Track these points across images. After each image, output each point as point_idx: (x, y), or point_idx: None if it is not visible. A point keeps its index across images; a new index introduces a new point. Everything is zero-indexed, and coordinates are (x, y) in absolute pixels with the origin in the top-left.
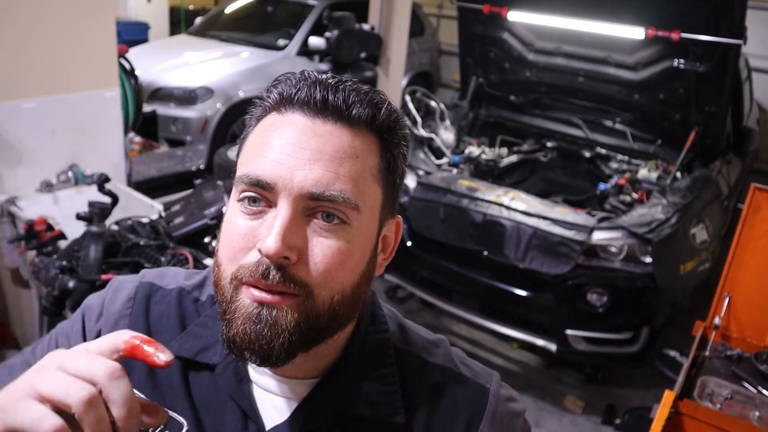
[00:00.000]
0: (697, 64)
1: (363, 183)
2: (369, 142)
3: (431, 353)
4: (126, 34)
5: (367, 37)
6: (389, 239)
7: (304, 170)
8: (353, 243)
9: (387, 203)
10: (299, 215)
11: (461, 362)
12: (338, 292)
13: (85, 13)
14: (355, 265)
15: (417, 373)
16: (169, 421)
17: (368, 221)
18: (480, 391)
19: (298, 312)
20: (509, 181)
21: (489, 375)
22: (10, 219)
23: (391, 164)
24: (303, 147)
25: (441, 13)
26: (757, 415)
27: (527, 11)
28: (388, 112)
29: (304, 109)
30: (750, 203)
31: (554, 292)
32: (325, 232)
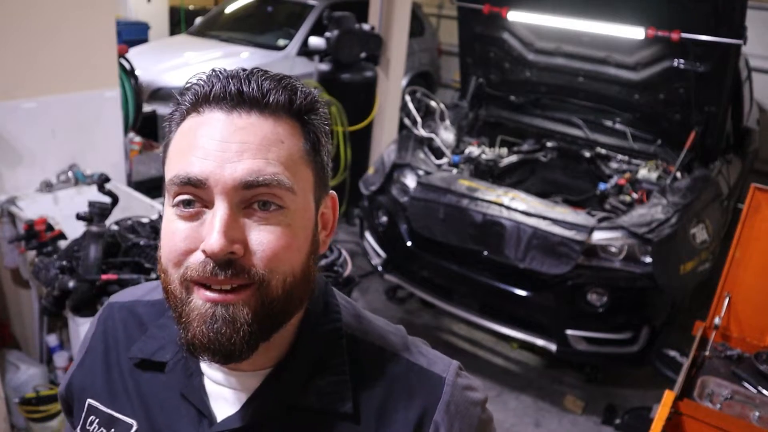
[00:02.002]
0: (697, 64)
1: (293, 165)
2: (291, 127)
3: (387, 342)
4: (126, 34)
5: (367, 37)
6: (327, 216)
7: (234, 162)
8: (294, 225)
9: (318, 182)
10: (237, 209)
11: (418, 351)
12: (289, 274)
13: (85, 13)
14: (300, 245)
15: (371, 362)
16: (118, 424)
17: (304, 202)
18: (435, 380)
19: (253, 303)
20: (509, 181)
21: (447, 364)
22: (10, 219)
23: (316, 144)
24: (228, 141)
25: (441, 13)
26: (757, 415)
27: (527, 11)
28: (304, 95)
29: (221, 104)
30: (750, 203)
31: (554, 292)
32: (264, 220)
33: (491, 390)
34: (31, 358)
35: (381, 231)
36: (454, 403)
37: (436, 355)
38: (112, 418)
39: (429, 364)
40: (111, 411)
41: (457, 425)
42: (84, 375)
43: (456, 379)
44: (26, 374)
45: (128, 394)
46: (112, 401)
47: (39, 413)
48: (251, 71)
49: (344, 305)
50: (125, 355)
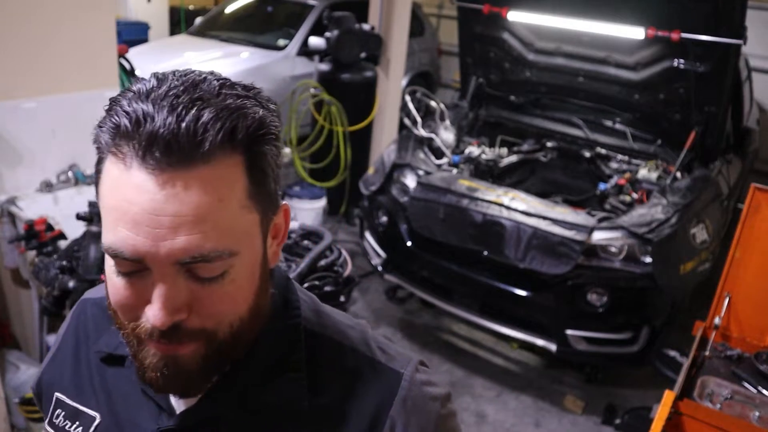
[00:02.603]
0: (697, 64)
1: (234, 223)
2: (231, 170)
3: (346, 337)
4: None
5: (367, 37)
6: (279, 226)
7: (168, 241)
8: (239, 280)
9: (266, 214)
10: (178, 276)
11: (378, 347)
12: (236, 320)
13: (85, 13)
14: (246, 295)
15: (329, 357)
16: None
17: (250, 250)
18: (393, 375)
19: (202, 351)
20: (509, 181)
21: (406, 360)
22: (10, 219)
23: (263, 175)
24: (160, 215)
25: (441, 13)
26: (757, 415)
27: (527, 11)
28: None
29: (148, 161)
30: (750, 203)
31: (554, 292)
32: (208, 282)
33: (491, 390)
34: (31, 358)
35: (381, 231)
36: (411, 399)
37: (396, 351)
38: (77, 411)
39: (388, 359)
40: (76, 404)
41: (415, 420)
42: (54, 369)
43: (414, 375)
44: (26, 374)
45: (94, 387)
46: (79, 395)
47: (39, 413)
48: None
49: (304, 300)
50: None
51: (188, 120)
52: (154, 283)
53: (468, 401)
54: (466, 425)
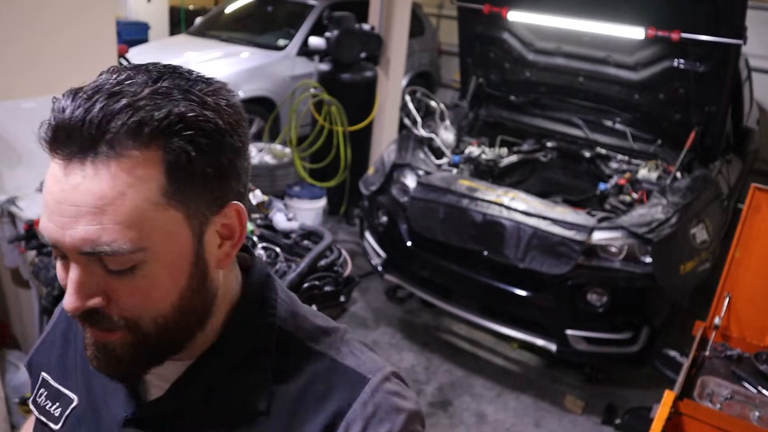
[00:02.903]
0: (697, 64)
1: (140, 219)
2: (142, 165)
3: (318, 341)
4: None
5: (367, 37)
6: (232, 227)
7: (69, 230)
8: (154, 275)
9: (198, 209)
10: (90, 264)
11: (350, 352)
12: (160, 316)
13: (85, 13)
14: (165, 292)
15: (297, 359)
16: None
17: (169, 247)
18: (358, 379)
19: (129, 340)
20: (509, 181)
21: (378, 367)
22: (10, 219)
23: (186, 172)
24: (63, 204)
25: (441, 13)
26: (757, 415)
27: (527, 11)
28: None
29: (57, 152)
30: (750, 203)
31: (554, 292)
32: (117, 275)
33: (491, 390)
34: None
35: (381, 231)
36: (372, 404)
37: (370, 358)
38: (59, 392)
39: (357, 364)
40: (59, 386)
41: (373, 427)
42: (44, 349)
43: (383, 383)
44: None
45: (77, 371)
46: (63, 376)
47: None
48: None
49: (282, 300)
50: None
51: (95, 111)
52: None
53: (468, 401)
54: (466, 425)
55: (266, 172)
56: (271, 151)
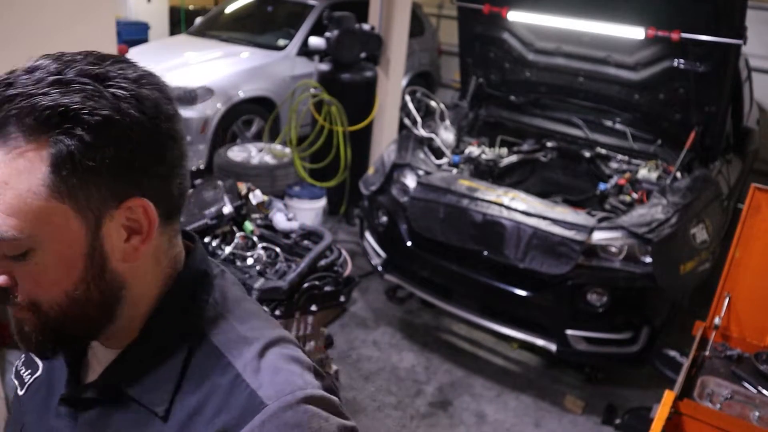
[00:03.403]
0: (697, 64)
1: (23, 208)
2: (25, 156)
3: (232, 350)
4: (126, 34)
5: (367, 37)
6: (138, 222)
7: None
8: (44, 263)
9: (90, 204)
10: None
11: (264, 368)
12: (55, 303)
13: (85, 13)
14: (56, 280)
15: (205, 367)
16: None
17: (57, 238)
18: (254, 404)
19: (34, 320)
20: (509, 181)
21: (281, 392)
22: None
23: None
24: None
25: (441, 13)
26: (756, 415)
27: (527, 11)
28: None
29: None
30: (750, 203)
31: (554, 292)
32: (14, 259)
33: (491, 390)
34: None
35: (381, 231)
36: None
37: (285, 380)
38: (32, 360)
39: (260, 385)
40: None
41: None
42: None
43: (282, 411)
44: None
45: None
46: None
47: None
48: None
49: (214, 301)
50: None
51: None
52: None
53: (468, 401)
54: (466, 425)
55: (266, 172)
56: (271, 151)
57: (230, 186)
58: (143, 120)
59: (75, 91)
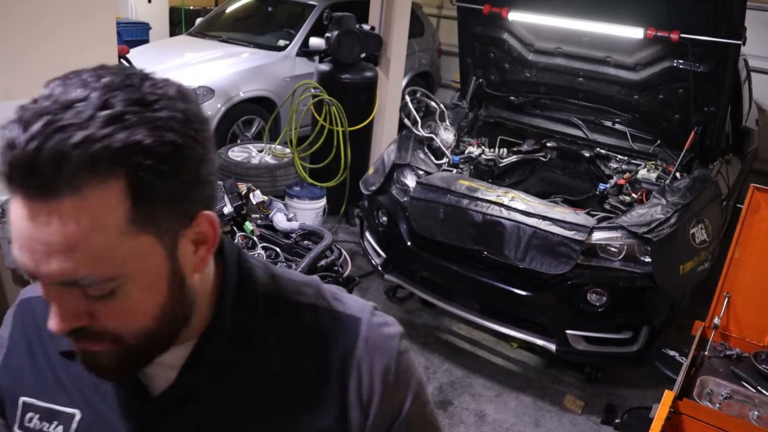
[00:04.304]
0: (696, 64)
1: (112, 250)
2: (105, 199)
3: (303, 294)
4: (126, 35)
5: (367, 37)
6: (205, 234)
7: (44, 265)
8: (132, 297)
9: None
10: (68, 290)
11: (334, 298)
12: (143, 329)
13: (85, 13)
14: (145, 310)
15: (291, 316)
16: (60, 416)
17: (144, 269)
18: (352, 321)
19: (116, 350)
20: (509, 181)
21: (361, 305)
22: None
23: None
24: (34, 242)
25: (441, 13)
26: (756, 414)
27: (527, 11)
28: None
29: (17, 191)
30: (749, 203)
31: (554, 292)
32: (99, 299)
33: (491, 390)
34: None
35: (381, 231)
36: (372, 339)
37: (351, 299)
38: (52, 411)
39: (345, 308)
40: (50, 404)
41: (378, 359)
42: (10, 375)
43: (371, 318)
44: None
45: (62, 385)
46: (48, 395)
47: None
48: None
49: (258, 267)
50: (53, 348)
51: (48, 148)
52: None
53: (468, 401)
54: (466, 425)
55: (266, 173)
56: (271, 151)
57: (230, 186)
58: (196, 136)
59: (134, 123)
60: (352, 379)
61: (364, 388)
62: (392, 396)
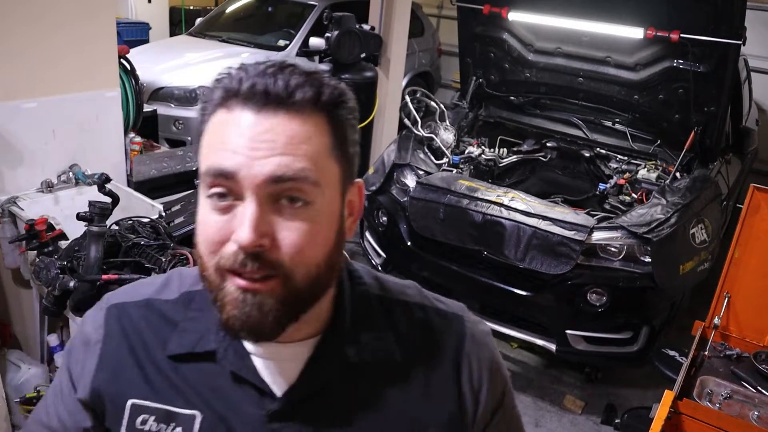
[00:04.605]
0: (696, 64)
1: (319, 161)
2: (317, 123)
3: (407, 294)
4: (126, 35)
5: (367, 37)
6: (354, 203)
7: (261, 163)
8: (319, 220)
9: (344, 174)
10: (266, 203)
11: (434, 298)
12: (313, 266)
13: (85, 13)
14: (324, 239)
15: (401, 314)
16: (178, 418)
17: (331, 196)
18: (457, 318)
19: (279, 292)
20: (509, 181)
21: (458, 305)
22: (11, 219)
23: (342, 138)
24: (257, 141)
25: (441, 13)
26: (756, 414)
27: (527, 11)
28: (330, 89)
29: (250, 103)
30: (749, 203)
31: (554, 292)
32: (292, 216)
33: None
34: (31, 357)
35: (381, 231)
36: (476, 335)
37: (446, 300)
38: (170, 413)
39: (446, 307)
40: (165, 406)
41: (482, 352)
42: (111, 378)
43: (469, 316)
44: (27, 374)
45: (176, 387)
46: (161, 397)
47: None
48: (280, 67)
49: (362, 270)
50: (159, 354)
51: (281, 79)
52: (243, 210)
53: None
54: None
55: None
56: None
57: None
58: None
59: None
60: (464, 371)
61: (474, 380)
62: (495, 385)
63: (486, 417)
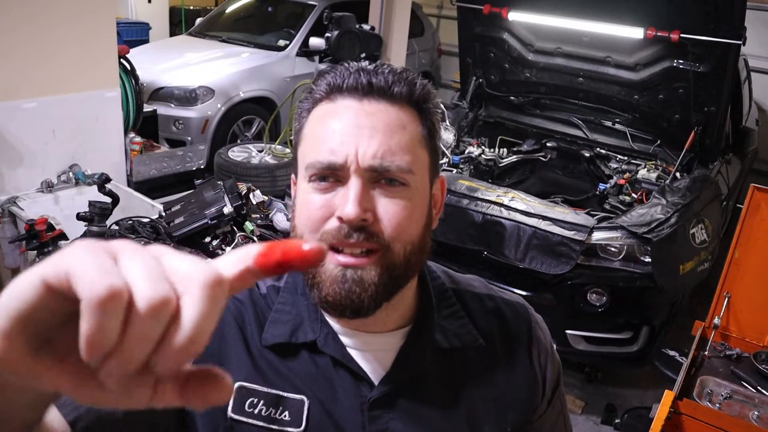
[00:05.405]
0: (696, 64)
1: (413, 149)
2: (410, 114)
3: (475, 286)
4: (126, 35)
5: (367, 37)
6: (437, 197)
7: (364, 146)
8: (414, 200)
9: (432, 165)
10: (367, 183)
11: (498, 288)
12: (409, 242)
13: (86, 14)
14: (418, 217)
15: (473, 304)
16: (287, 402)
17: (422, 180)
18: (522, 307)
19: (379, 267)
20: (509, 181)
21: (516, 296)
22: (11, 219)
23: (431, 131)
24: (361, 126)
25: (441, 13)
26: (756, 414)
27: (527, 11)
28: (421, 86)
29: (353, 94)
30: (749, 203)
31: (554, 292)
32: (390, 193)
33: None
34: None
35: None
36: (538, 320)
37: (509, 294)
38: (279, 397)
39: (509, 297)
40: (275, 391)
41: (545, 335)
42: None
43: (528, 304)
44: None
45: (281, 373)
46: (268, 382)
47: None
48: (377, 65)
49: (433, 265)
50: (259, 341)
51: (380, 74)
52: (348, 188)
53: None
54: None
55: (266, 173)
56: (271, 151)
57: (230, 186)
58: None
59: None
60: (534, 351)
61: (542, 361)
62: (554, 364)
63: (549, 394)
